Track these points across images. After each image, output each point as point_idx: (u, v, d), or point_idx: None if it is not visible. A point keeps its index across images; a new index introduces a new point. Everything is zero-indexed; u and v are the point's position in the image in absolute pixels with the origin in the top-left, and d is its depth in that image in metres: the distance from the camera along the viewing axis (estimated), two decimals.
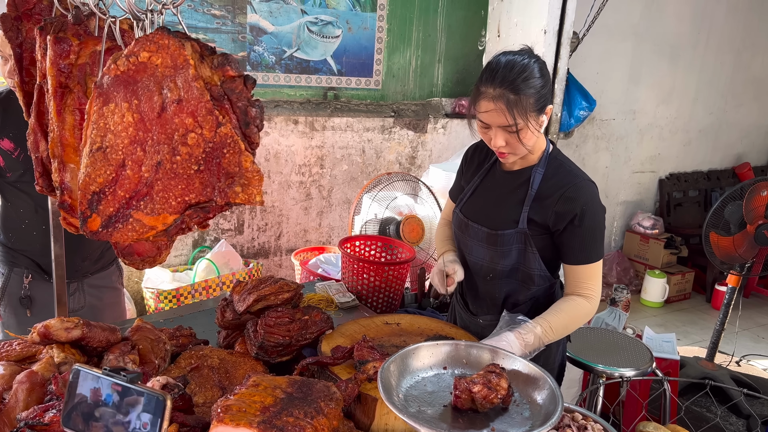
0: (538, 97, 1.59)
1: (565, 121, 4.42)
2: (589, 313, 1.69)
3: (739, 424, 3.52)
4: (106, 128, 0.98)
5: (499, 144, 1.63)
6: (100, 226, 1.02)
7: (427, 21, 4.07)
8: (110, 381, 1.15)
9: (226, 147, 0.97)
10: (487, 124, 1.63)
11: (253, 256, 3.79)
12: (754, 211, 3.49)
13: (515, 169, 1.77)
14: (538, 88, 1.58)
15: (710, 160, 6.26)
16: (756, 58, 6.11)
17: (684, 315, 5.26)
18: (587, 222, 1.64)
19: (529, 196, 1.70)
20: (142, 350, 1.60)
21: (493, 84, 1.58)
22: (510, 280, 1.78)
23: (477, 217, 1.80)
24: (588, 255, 1.67)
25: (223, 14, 3.41)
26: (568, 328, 1.69)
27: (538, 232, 1.70)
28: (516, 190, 1.74)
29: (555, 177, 1.69)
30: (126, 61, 0.94)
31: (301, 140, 3.74)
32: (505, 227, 1.72)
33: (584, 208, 1.64)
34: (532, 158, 1.74)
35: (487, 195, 1.82)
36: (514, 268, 1.75)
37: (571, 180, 1.67)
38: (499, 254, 1.75)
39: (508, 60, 1.60)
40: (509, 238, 1.71)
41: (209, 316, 2.05)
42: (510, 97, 1.55)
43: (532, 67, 1.59)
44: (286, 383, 1.38)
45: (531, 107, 1.57)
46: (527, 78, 1.57)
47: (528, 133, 1.60)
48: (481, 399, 1.14)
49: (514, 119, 1.56)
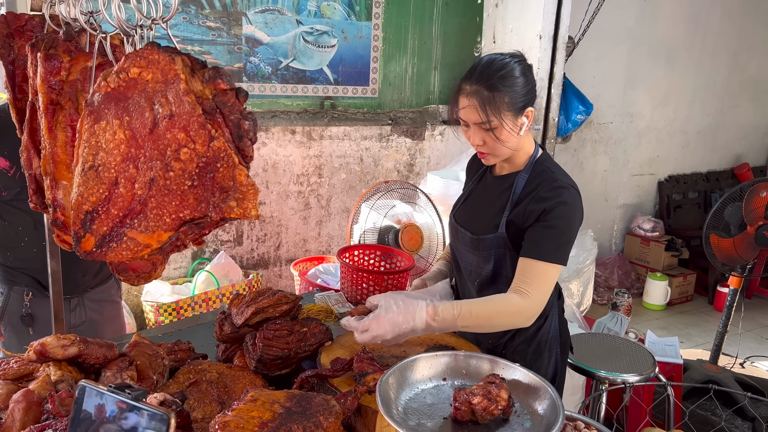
0: (515, 97, 1.58)
1: (562, 126, 4.41)
2: (521, 313, 1.57)
3: (745, 427, 3.49)
4: (97, 146, 0.97)
5: (476, 142, 1.63)
6: (94, 245, 1.01)
7: (423, 28, 4.07)
8: (115, 398, 1.14)
9: (220, 161, 0.96)
10: (466, 123, 1.63)
11: (252, 267, 3.78)
12: (754, 212, 3.48)
13: (503, 175, 1.77)
14: (517, 87, 1.58)
15: (709, 161, 6.26)
16: (752, 59, 6.12)
17: (686, 317, 5.24)
18: (552, 220, 1.58)
19: (511, 201, 1.68)
20: (140, 366, 1.59)
21: (471, 80, 1.59)
22: (496, 285, 1.76)
23: (465, 222, 1.81)
24: (541, 251, 1.58)
25: (218, 26, 3.42)
26: (491, 320, 1.58)
27: (517, 236, 1.67)
28: (501, 195, 1.74)
29: (536, 181, 1.67)
30: (116, 78, 0.93)
31: (298, 150, 3.74)
32: (486, 232, 1.72)
33: (554, 207, 1.59)
34: (519, 163, 1.73)
35: (477, 201, 1.83)
36: (496, 273, 1.74)
37: (550, 183, 1.64)
38: (482, 259, 1.74)
39: (489, 58, 1.62)
40: (489, 243, 1.71)
41: (208, 330, 2.04)
42: (484, 93, 1.56)
43: (511, 67, 1.59)
44: (285, 397, 1.36)
45: (506, 106, 1.56)
46: (504, 76, 1.57)
47: (504, 132, 1.59)
48: (481, 411, 1.13)
49: (486, 116, 1.56)
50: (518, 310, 1.57)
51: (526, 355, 1.77)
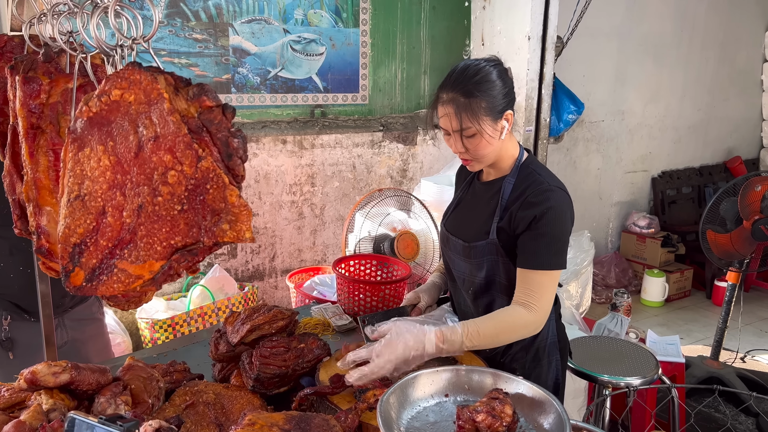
0: (493, 101, 1.55)
1: (554, 126, 4.40)
2: (527, 325, 1.57)
3: (749, 423, 3.48)
4: (83, 175, 0.93)
5: (458, 150, 1.62)
6: (84, 280, 0.97)
7: (411, 33, 4.05)
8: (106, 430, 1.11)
9: (209, 182, 0.93)
10: (447, 131, 1.62)
11: (248, 280, 3.74)
12: (750, 207, 3.47)
13: (490, 180, 1.75)
14: (494, 92, 1.56)
15: (701, 155, 6.26)
16: (740, 52, 6.13)
17: (685, 313, 5.23)
18: (544, 227, 1.57)
19: (500, 207, 1.66)
20: (135, 390, 1.55)
21: (447, 88, 1.57)
22: (490, 292, 1.74)
23: (456, 230, 1.79)
24: (540, 260, 1.57)
25: (204, 38, 3.38)
26: (498, 337, 1.58)
27: (508, 242, 1.65)
28: (489, 201, 1.72)
29: (523, 185, 1.65)
30: (98, 102, 0.90)
31: (290, 159, 3.71)
32: (477, 239, 1.69)
33: (545, 212, 1.57)
34: (505, 168, 1.71)
35: (467, 208, 1.81)
36: (490, 280, 1.71)
37: (538, 186, 1.62)
38: (475, 266, 1.72)
39: (464, 64, 1.60)
40: (481, 250, 1.68)
41: (204, 348, 2.00)
42: (460, 100, 1.54)
43: (487, 71, 1.57)
44: (283, 420, 1.33)
45: (483, 111, 1.54)
46: (479, 81, 1.55)
47: (483, 139, 1.57)
48: (485, 428, 1.10)
49: (461, 124, 1.54)
50: (525, 323, 1.57)
51: (524, 363, 1.75)
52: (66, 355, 2.17)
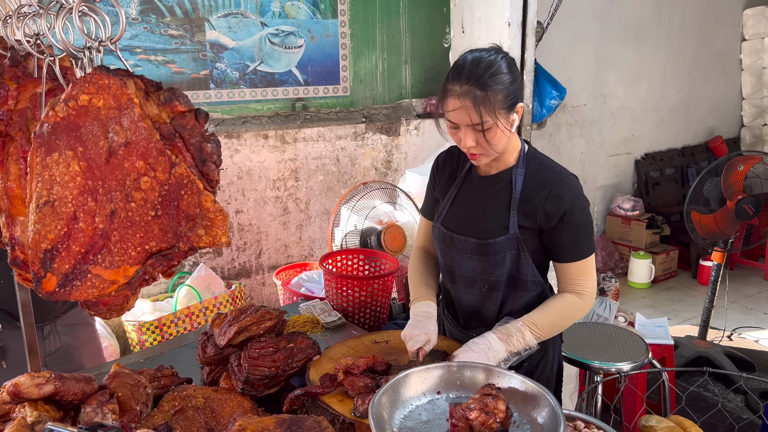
0: (507, 94, 1.53)
1: (536, 112, 4.39)
2: (581, 310, 1.65)
3: (737, 401, 3.52)
4: (51, 180, 0.90)
5: (468, 144, 1.56)
6: (56, 285, 0.94)
7: (390, 23, 4.01)
8: None
9: (183, 188, 0.90)
10: (456, 124, 1.56)
11: (234, 277, 3.70)
12: (733, 187, 3.49)
13: (492, 174, 1.70)
14: (507, 84, 1.53)
15: (683, 136, 6.30)
16: (719, 32, 6.15)
17: (672, 293, 5.27)
18: (577, 217, 1.59)
19: (514, 199, 1.63)
20: (122, 398, 1.52)
21: (460, 81, 1.52)
22: (506, 289, 1.71)
23: (462, 228, 1.72)
24: (580, 251, 1.62)
25: (180, 33, 3.32)
26: (557, 325, 1.64)
27: (529, 235, 1.64)
28: (499, 195, 1.67)
29: (537, 176, 1.64)
30: (65, 107, 0.87)
31: (272, 154, 3.66)
32: (495, 235, 1.64)
33: (573, 204, 1.59)
34: (509, 160, 1.67)
35: (469, 204, 1.73)
36: (509, 276, 1.69)
37: (556, 177, 1.62)
38: (492, 264, 1.67)
39: (475, 57, 1.55)
40: (501, 246, 1.64)
41: (191, 351, 1.97)
42: (477, 93, 1.49)
43: (499, 63, 1.53)
44: (274, 424, 1.31)
45: (500, 104, 1.51)
46: (494, 74, 1.51)
47: (498, 131, 1.53)
48: (479, 426, 1.08)
49: (480, 117, 1.50)
50: (580, 308, 1.64)
51: (532, 355, 1.71)
52: (60, 362, 2.15)
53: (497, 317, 1.75)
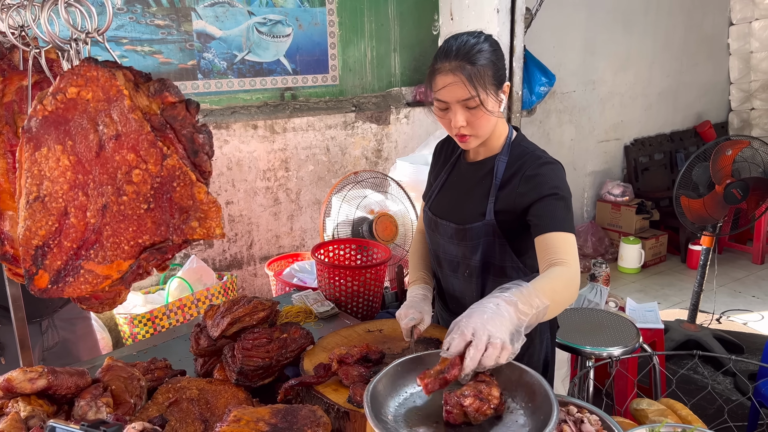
0: (495, 70, 1.54)
1: (526, 99, 4.39)
2: (572, 278, 1.42)
3: (726, 383, 3.57)
4: (41, 175, 0.89)
5: (459, 123, 1.54)
6: (48, 282, 0.94)
7: (379, 10, 3.98)
8: None
9: (176, 180, 0.90)
10: (446, 105, 1.55)
11: (226, 269, 3.69)
12: (722, 171, 3.51)
13: (479, 160, 1.71)
14: (495, 61, 1.54)
15: (672, 121, 6.32)
16: (707, 17, 6.16)
17: (662, 278, 5.32)
18: (554, 193, 1.53)
19: (494, 186, 1.63)
20: (116, 391, 1.52)
21: (449, 59, 1.52)
22: (485, 275, 1.71)
23: (445, 213, 1.74)
24: (560, 223, 1.49)
25: (167, 23, 3.29)
26: (557, 292, 1.36)
27: (506, 221, 1.63)
28: (481, 181, 1.68)
29: (517, 162, 1.63)
30: (53, 100, 0.86)
31: (262, 145, 3.65)
32: (472, 221, 1.66)
33: (549, 183, 1.54)
34: (495, 146, 1.68)
35: (454, 189, 1.76)
36: (486, 263, 1.69)
37: (534, 162, 1.60)
38: (469, 249, 1.69)
39: (461, 37, 1.56)
40: (477, 232, 1.65)
41: (184, 343, 1.97)
42: (468, 67, 1.50)
43: (484, 43, 1.55)
44: (270, 413, 1.31)
45: (489, 79, 1.52)
46: (481, 50, 1.52)
47: (489, 107, 1.54)
48: (473, 412, 1.09)
49: (475, 90, 1.50)
50: (571, 277, 1.42)
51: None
52: (58, 356, 2.14)
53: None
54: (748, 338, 4.11)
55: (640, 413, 1.56)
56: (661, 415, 1.53)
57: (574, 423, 1.35)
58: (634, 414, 1.58)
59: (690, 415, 1.54)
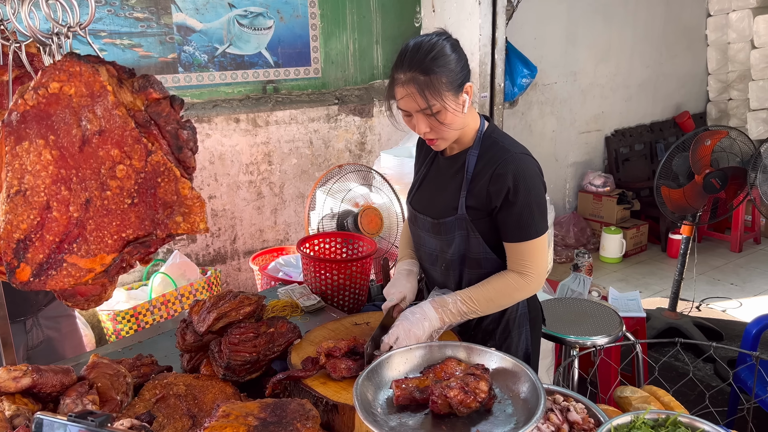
0: (452, 75, 1.53)
1: (508, 91, 4.41)
2: (522, 289, 1.64)
3: (707, 369, 3.63)
4: (22, 169, 0.88)
5: (423, 130, 1.58)
6: (30, 275, 0.93)
7: (360, 2, 3.97)
8: (78, 427, 1.07)
9: (160, 176, 0.89)
10: (408, 113, 1.57)
11: (209, 264, 3.67)
12: (701, 161, 3.56)
13: (453, 154, 1.72)
14: (451, 65, 1.53)
15: (652, 112, 6.39)
16: (685, 8, 6.22)
17: (643, 267, 5.39)
18: (521, 197, 1.57)
19: (466, 180, 1.65)
20: (101, 388, 1.51)
21: (403, 68, 1.53)
22: (461, 267, 1.73)
23: (423, 207, 1.77)
24: (525, 232, 1.60)
25: (146, 16, 3.24)
26: (494, 302, 1.63)
27: (478, 215, 1.65)
28: (455, 175, 1.70)
29: (487, 155, 1.64)
30: (35, 95, 0.84)
31: (245, 138, 3.62)
32: (446, 215, 1.68)
33: (516, 183, 1.57)
34: (467, 140, 1.68)
35: (432, 184, 1.78)
36: (461, 255, 1.71)
37: (502, 156, 1.61)
38: (445, 243, 1.71)
39: (416, 42, 1.55)
40: (451, 226, 1.67)
41: (170, 339, 1.96)
42: (420, 78, 1.50)
43: (441, 45, 1.53)
44: (258, 408, 1.31)
45: (445, 87, 1.51)
46: (436, 57, 1.51)
47: (448, 114, 1.54)
48: (457, 404, 1.10)
49: (427, 101, 1.50)
50: (520, 287, 1.63)
51: (494, 335, 1.76)
52: (43, 354, 2.12)
53: None
54: (727, 325, 4.19)
55: (623, 400, 1.59)
56: (645, 402, 1.56)
57: (560, 411, 1.37)
58: (618, 401, 1.60)
59: (672, 402, 1.57)
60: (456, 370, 1.19)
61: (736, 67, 6.22)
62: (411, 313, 1.58)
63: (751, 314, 4.14)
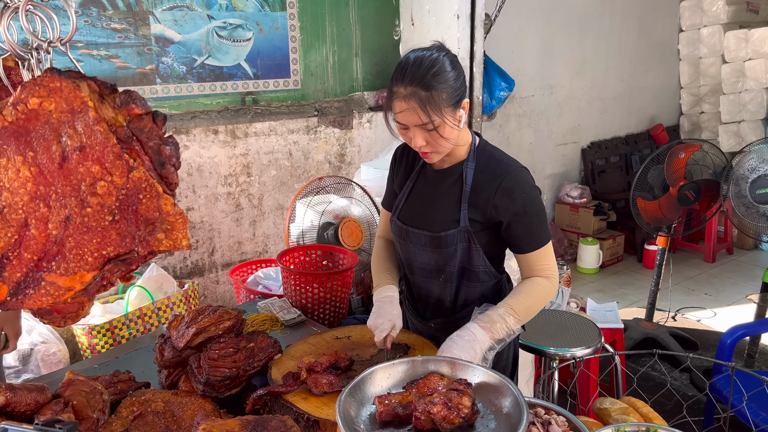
0: (451, 92, 1.55)
1: (486, 104, 4.45)
2: (550, 292, 1.69)
3: (683, 379, 3.68)
4: (0, 186, 0.86)
5: (419, 144, 1.59)
6: (7, 294, 0.90)
7: (340, 15, 3.98)
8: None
9: (142, 192, 0.88)
10: (405, 126, 1.58)
11: (187, 276, 3.63)
12: (675, 174, 3.63)
13: (445, 167, 1.73)
14: (451, 82, 1.55)
15: (627, 125, 6.50)
16: (657, 23, 6.36)
17: (619, 277, 5.45)
18: (530, 210, 1.63)
19: (465, 193, 1.66)
20: (77, 406, 1.48)
21: (404, 83, 1.53)
22: (460, 280, 1.75)
23: (416, 221, 1.75)
24: (538, 240, 1.66)
25: (124, 27, 3.22)
26: (532, 308, 1.67)
27: (479, 227, 1.67)
28: (451, 188, 1.70)
29: (487, 169, 1.67)
30: (14, 110, 0.83)
31: (223, 150, 3.60)
32: (446, 228, 1.68)
33: (524, 197, 1.63)
34: (460, 154, 1.70)
35: (423, 197, 1.77)
36: (461, 268, 1.72)
37: (505, 170, 1.65)
38: (445, 256, 1.71)
39: (417, 56, 1.56)
40: (452, 238, 1.68)
41: (148, 354, 1.92)
42: (421, 94, 1.51)
43: (442, 61, 1.55)
44: (239, 425, 1.30)
45: (445, 102, 1.53)
46: (437, 73, 1.52)
47: (446, 129, 1.56)
48: (440, 420, 1.10)
49: (429, 117, 1.52)
50: (549, 290, 1.69)
51: None
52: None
53: (453, 307, 1.79)
54: (702, 335, 4.25)
55: (603, 412, 1.60)
56: (624, 414, 1.57)
57: (542, 425, 1.37)
58: (597, 413, 1.61)
59: (651, 413, 1.58)
60: (439, 385, 1.19)
61: (707, 81, 6.37)
62: (458, 336, 1.57)
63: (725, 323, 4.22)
